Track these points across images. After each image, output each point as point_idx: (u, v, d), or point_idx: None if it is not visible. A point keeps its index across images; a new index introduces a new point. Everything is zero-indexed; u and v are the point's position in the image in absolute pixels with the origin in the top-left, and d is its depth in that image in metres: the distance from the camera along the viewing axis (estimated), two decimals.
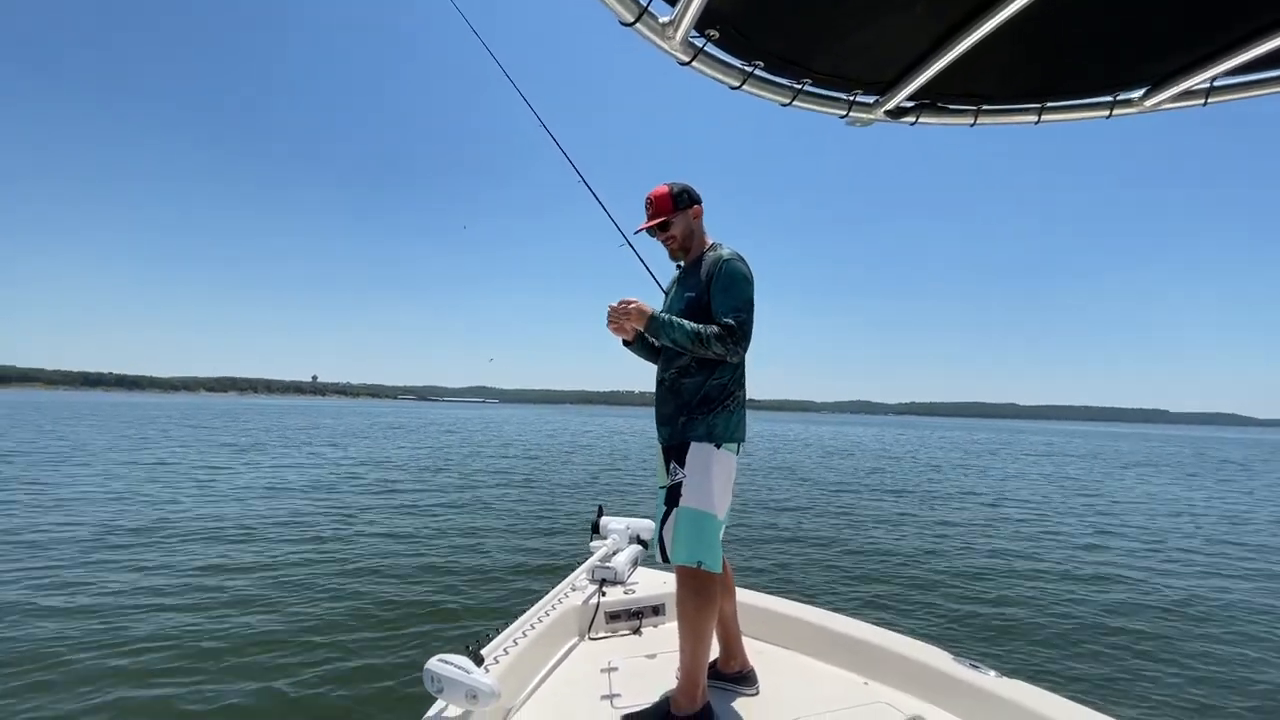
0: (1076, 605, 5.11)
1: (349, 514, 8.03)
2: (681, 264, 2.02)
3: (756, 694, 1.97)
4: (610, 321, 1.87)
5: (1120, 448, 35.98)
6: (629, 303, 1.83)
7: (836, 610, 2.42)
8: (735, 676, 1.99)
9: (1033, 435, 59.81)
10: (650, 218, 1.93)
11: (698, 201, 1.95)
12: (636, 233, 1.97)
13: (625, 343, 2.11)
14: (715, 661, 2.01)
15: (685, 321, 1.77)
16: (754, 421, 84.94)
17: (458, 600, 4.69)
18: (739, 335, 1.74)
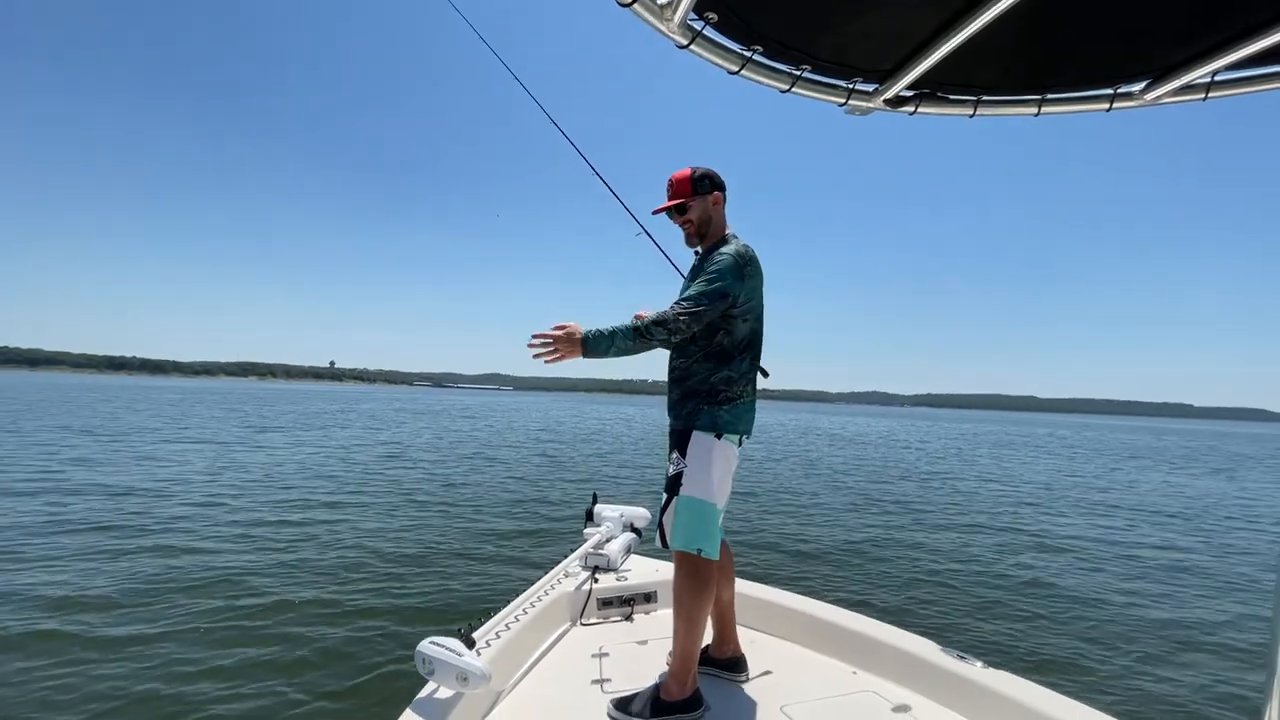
0: (1068, 599, 5.10)
1: (344, 497, 8.10)
2: (699, 250, 2.00)
3: (746, 681, 1.99)
4: (535, 355, 1.71)
5: (1138, 442, 35.33)
6: (558, 332, 1.68)
7: (826, 599, 2.43)
8: (727, 662, 2.02)
9: (1048, 428, 58.94)
10: (669, 199, 1.90)
11: (720, 189, 1.92)
12: (655, 214, 1.94)
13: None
14: (708, 647, 2.02)
15: (620, 325, 1.73)
16: (764, 411, 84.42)
17: (450, 583, 4.70)
18: (675, 325, 1.70)
